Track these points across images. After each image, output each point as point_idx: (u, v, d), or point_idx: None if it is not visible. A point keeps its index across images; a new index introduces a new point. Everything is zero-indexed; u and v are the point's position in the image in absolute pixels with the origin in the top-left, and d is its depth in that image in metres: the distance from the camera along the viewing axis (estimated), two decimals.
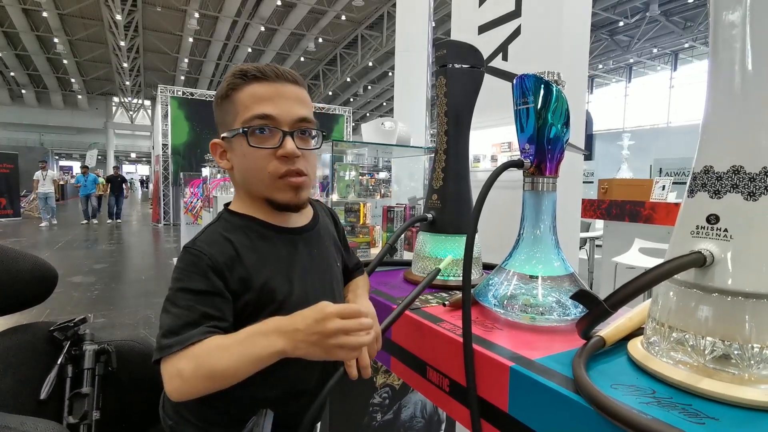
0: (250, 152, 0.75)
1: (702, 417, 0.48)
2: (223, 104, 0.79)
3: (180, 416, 0.81)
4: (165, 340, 0.66)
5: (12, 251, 0.84)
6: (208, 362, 0.63)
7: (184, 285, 0.70)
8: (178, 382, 0.64)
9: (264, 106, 0.75)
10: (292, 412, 0.82)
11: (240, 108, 0.76)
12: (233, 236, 0.77)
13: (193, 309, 0.68)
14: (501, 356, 0.66)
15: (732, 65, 0.51)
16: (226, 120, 0.79)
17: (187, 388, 0.64)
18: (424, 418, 1.60)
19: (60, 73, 21.31)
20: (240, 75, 0.76)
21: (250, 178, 0.79)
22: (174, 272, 0.73)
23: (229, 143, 0.79)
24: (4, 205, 11.87)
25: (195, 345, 0.65)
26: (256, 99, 0.75)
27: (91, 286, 5.21)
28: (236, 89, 0.76)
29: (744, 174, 0.50)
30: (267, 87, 0.76)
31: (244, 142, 0.75)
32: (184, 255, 0.73)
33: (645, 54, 17.69)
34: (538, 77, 0.77)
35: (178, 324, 0.67)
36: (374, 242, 1.95)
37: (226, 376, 0.63)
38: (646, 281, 0.54)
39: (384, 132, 2.10)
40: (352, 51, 17.97)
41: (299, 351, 0.62)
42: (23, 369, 0.84)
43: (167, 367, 0.65)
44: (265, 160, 0.75)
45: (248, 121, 0.75)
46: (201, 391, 0.64)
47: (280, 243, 0.81)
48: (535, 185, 0.82)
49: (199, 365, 0.63)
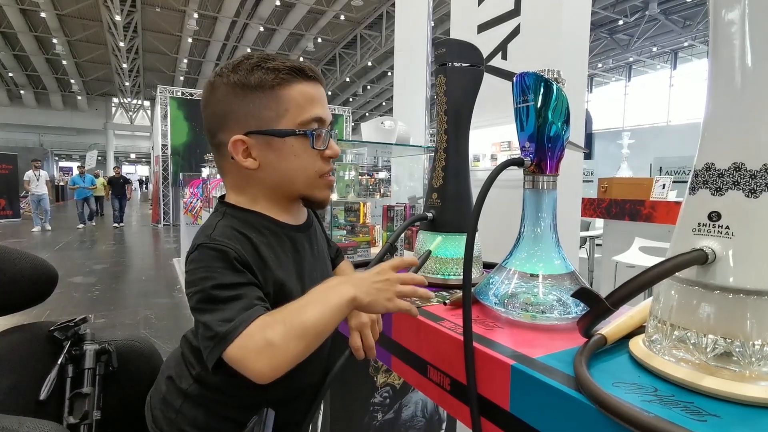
0: (304, 153, 0.75)
1: (704, 414, 0.48)
2: (259, 96, 0.72)
3: (177, 428, 0.78)
4: (222, 328, 0.61)
5: (11, 251, 0.84)
6: (296, 321, 0.61)
7: (217, 282, 0.65)
8: (271, 352, 0.59)
9: (318, 108, 0.75)
10: (292, 410, 0.82)
11: (291, 106, 0.72)
12: (248, 232, 0.73)
13: (238, 297, 0.64)
14: (502, 355, 0.65)
15: (732, 62, 0.51)
16: (264, 115, 0.72)
17: (281, 355, 0.60)
18: (425, 418, 1.60)
19: (59, 73, 21.30)
20: (293, 71, 0.72)
21: (293, 177, 0.77)
22: (194, 274, 0.67)
23: (266, 141, 0.73)
24: (3, 206, 11.88)
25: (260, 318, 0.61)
26: (309, 100, 0.74)
27: (91, 286, 5.21)
28: (283, 84, 0.72)
29: (745, 171, 0.50)
30: (315, 88, 0.75)
31: (299, 142, 0.74)
32: (206, 252, 0.67)
33: (644, 53, 17.70)
34: (538, 75, 0.77)
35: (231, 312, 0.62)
36: (374, 241, 1.95)
37: (318, 330, 0.62)
38: (647, 279, 0.53)
39: (384, 131, 2.10)
40: (351, 51, 17.96)
41: (368, 297, 0.64)
42: (23, 369, 0.83)
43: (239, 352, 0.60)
44: (312, 159, 0.76)
45: (307, 123, 0.74)
46: (295, 356, 0.61)
47: (289, 241, 0.80)
48: (536, 183, 0.82)
49: (288, 327, 0.60)
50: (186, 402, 0.78)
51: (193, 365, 0.78)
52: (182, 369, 0.80)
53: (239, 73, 0.72)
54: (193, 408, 0.77)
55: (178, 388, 0.79)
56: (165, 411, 0.80)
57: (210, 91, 0.75)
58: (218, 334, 0.61)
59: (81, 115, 27.01)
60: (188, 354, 0.80)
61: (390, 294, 0.66)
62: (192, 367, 0.78)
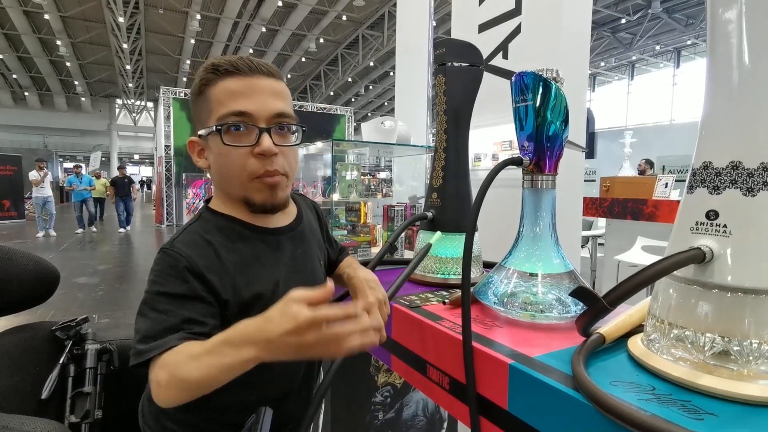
0: (225, 151, 0.72)
1: (701, 413, 0.48)
2: (197, 101, 0.75)
3: (163, 428, 0.78)
4: (141, 345, 0.63)
5: (13, 251, 0.84)
6: (179, 373, 0.59)
7: (161, 288, 0.67)
8: (157, 391, 0.61)
9: (238, 102, 0.71)
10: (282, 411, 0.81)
11: (214, 105, 0.72)
12: (213, 237, 0.74)
13: (171, 313, 0.65)
14: (500, 354, 0.65)
15: (729, 61, 0.51)
16: (202, 117, 0.75)
17: (166, 397, 0.61)
18: (426, 417, 1.60)
19: (63, 75, 21.40)
20: (212, 70, 0.72)
21: (226, 178, 0.75)
22: (150, 274, 0.69)
23: (206, 141, 0.76)
24: (8, 207, 11.95)
25: (170, 351, 0.62)
26: (229, 95, 0.71)
27: (95, 287, 5.24)
28: (209, 85, 0.73)
29: (743, 169, 0.50)
30: (241, 81, 0.72)
31: (218, 140, 0.72)
32: (162, 256, 0.70)
33: (647, 51, 17.64)
34: (537, 74, 0.77)
35: (157, 329, 0.64)
36: (375, 241, 1.95)
37: (201, 386, 0.59)
38: (645, 278, 0.53)
39: (384, 131, 2.10)
40: (353, 51, 17.98)
41: (277, 357, 0.56)
42: (25, 368, 0.84)
43: (150, 373, 0.63)
44: (241, 159, 0.72)
45: (222, 118, 0.71)
46: (182, 400, 0.61)
47: (262, 244, 0.79)
48: (535, 183, 0.82)
49: (171, 375, 0.60)
50: None
51: None
52: None
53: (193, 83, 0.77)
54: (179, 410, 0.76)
55: None
56: (151, 407, 0.81)
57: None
58: (136, 350, 0.64)
59: (85, 117, 27.14)
60: None
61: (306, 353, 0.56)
62: None
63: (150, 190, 22.78)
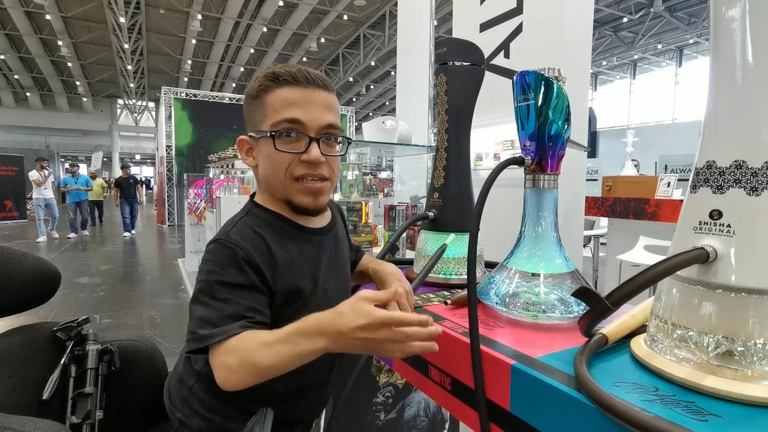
0: (274, 155, 0.77)
1: (705, 414, 0.47)
2: (252, 104, 0.80)
3: (190, 409, 0.81)
4: (202, 331, 0.66)
5: (14, 252, 0.84)
6: (252, 358, 0.64)
7: (220, 278, 0.70)
8: (226, 374, 0.65)
9: (293, 110, 0.76)
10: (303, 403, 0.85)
11: (269, 110, 0.77)
12: (264, 232, 0.78)
13: (231, 302, 0.69)
14: (502, 354, 0.65)
15: (733, 59, 0.51)
16: (255, 120, 0.80)
17: (235, 381, 0.65)
18: (428, 418, 1.60)
19: (64, 75, 21.43)
20: (272, 78, 0.77)
21: (271, 180, 0.81)
22: (206, 264, 0.73)
23: (255, 142, 0.81)
24: (10, 207, 11.98)
25: (235, 337, 0.65)
26: (285, 103, 0.77)
27: (97, 287, 5.25)
28: (266, 91, 0.78)
29: (746, 169, 0.50)
30: (297, 91, 0.77)
31: (270, 144, 0.77)
32: (219, 247, 0.73)
33: (649, 50, 17.59)
34: (539, 74, 0.77)
35: (218, 315, 0.67)
36: (376, 241, 1.95)
37: (272, 372, 0.65)
38: (648, 278, 0.53)
39: (385, 130, 2.10)
40: (354, 51, 17.97)
41: (344, 349, 0.63)
42: (26, 369, 0.84)
43: (214, 358, 0.66)
44: (287, 163, 0.78)
45: (277, 124, 0.76)
46: (249, 383, 0.65)
47: (307, 243, 0.83)
48: (537, 182, 0.81)
49: (244, 360, 0.64)
50: (198, 382, 0.81)
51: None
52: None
53: (250, 83, 0.81)
54: (203, 389, 0.81)
55: (192, 368, 0.83)
56: (180, 389, 0.84)
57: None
58: (198, 335, 0.67)
59: (86, 117, 27.18)
60: None
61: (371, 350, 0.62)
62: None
63: (150, 190, 22.74)
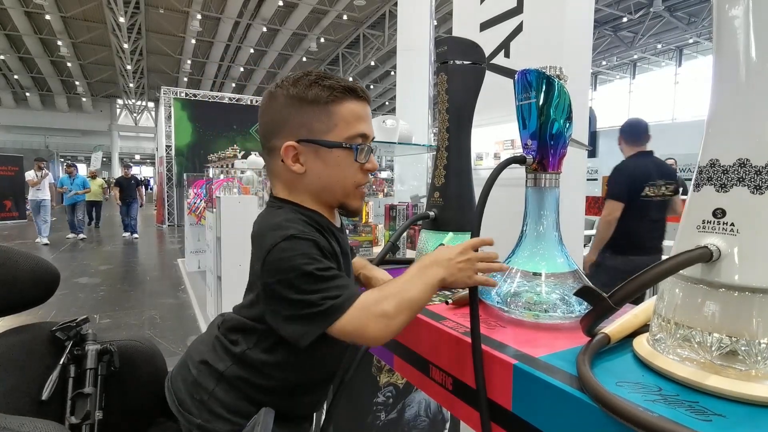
0: (347, 165, 0.81)
1: (709, 414, 0.47)
2: (314, 109, 0.79)
3: (211, 413, 0.81)
4: (328, 303, 0.68)
5: (13, 251, 0.84)
6: (406, 296, 0.70)
7: (316, 266, 0.71)
8: (386, 322, 0.69)
9: (363, 125, 0.82)
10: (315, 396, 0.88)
11: (340, 121, 0.79)
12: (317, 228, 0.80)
13: (338, 276, 0.72)
14: (504, 354, 0.65)
15: (736, 57, 0.50)
16: (315, 127, 0.79)
17: (395, 324, 0.69)
18: (429, 417, 1.60)
19: (64, 75, 21.40)
20: (344, 90, 0.79)
21: (332, 186, 0.83)
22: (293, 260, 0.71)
23: (314, 149, 0.80)
24: (9, 208, 11.98)
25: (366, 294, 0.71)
26: (357, 117, 0.81)
27: (96, 287, 5.24)
28: (336, 101, 0.79)
29: (750, 167, 0.49)
30: (362, 107, 0.82)
31: (344, 154, 0.80)
32: (296, 242, 0.73)
33: (649, 50, 17.59)
34: (540, 72, 0.76)
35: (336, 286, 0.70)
36: (376, 241, 1.94)
37: (420, 304, 0.71)
38: (651, 277, 0.53)
39: (385, 130, 2.09)
40: (354, 50, 17.96)
41: (452, 277, 0.72)
42: (25, 369, 0.84)
43: (358, 320, 0.69)
44: (354, 171, 0.83)
45: (352, 138, 0.80)
46: (403, 325, 0.70)
47: (338, 239, 0.86)
48: (538, 181, 0.81)
49: (399, 300, 0.69)
50: (220, 384, 0.81)
51: (237, 343, 0.82)
52: (220, 352, 0.84)
53: (298, 87, 0.79)
54: (226, 390, 0.81)
55: (214, 371, 0.83)
56: (195, 394, 0.83)
57: (269, 100, 0.82)
58: (324, 309, 0.69)
59: (86, 117, 27.14)
60: (231, 335, 0.84)
61: (470, 272, 0.73)
62: (236, 345, 0.82)
63: (150, 191, 22.69)
